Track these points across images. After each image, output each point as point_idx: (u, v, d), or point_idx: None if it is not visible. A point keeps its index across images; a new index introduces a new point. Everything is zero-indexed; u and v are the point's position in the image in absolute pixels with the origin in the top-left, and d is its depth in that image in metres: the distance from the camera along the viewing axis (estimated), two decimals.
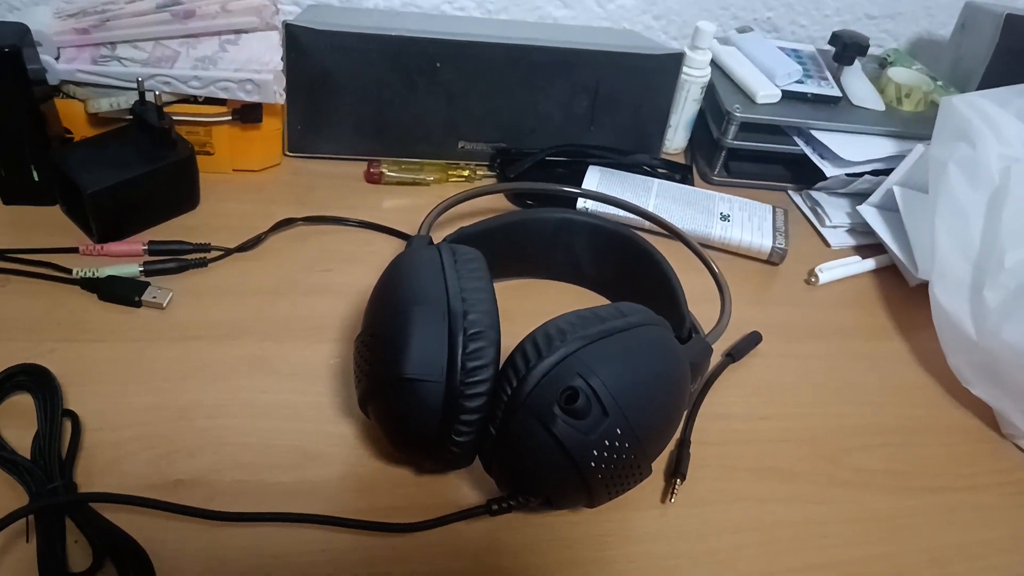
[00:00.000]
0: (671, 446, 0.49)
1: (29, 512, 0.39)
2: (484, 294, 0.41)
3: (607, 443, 0.38)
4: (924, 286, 0.60)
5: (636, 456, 0.39)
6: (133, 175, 0.56)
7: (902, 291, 0.66)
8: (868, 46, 0.76)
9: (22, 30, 0.55)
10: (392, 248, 0.62)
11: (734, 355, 0.56)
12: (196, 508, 0.41)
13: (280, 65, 0.62)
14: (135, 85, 0.58)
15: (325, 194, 0.66)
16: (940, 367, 0.58)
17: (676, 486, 0.47)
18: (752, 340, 0.58)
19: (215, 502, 0.42)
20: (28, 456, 0.42)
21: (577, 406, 0.38)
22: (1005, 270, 0.55)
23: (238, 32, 0.62)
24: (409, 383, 0.39)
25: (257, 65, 0.60)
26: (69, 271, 0.54)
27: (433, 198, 0.67)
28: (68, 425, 0.45)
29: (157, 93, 0.58)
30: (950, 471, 0.52)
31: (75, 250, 0.56)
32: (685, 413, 0.50)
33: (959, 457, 0.53)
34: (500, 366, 0.40)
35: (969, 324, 0.56)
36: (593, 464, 0.38)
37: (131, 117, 0.59)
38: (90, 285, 0.53)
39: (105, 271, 0.54)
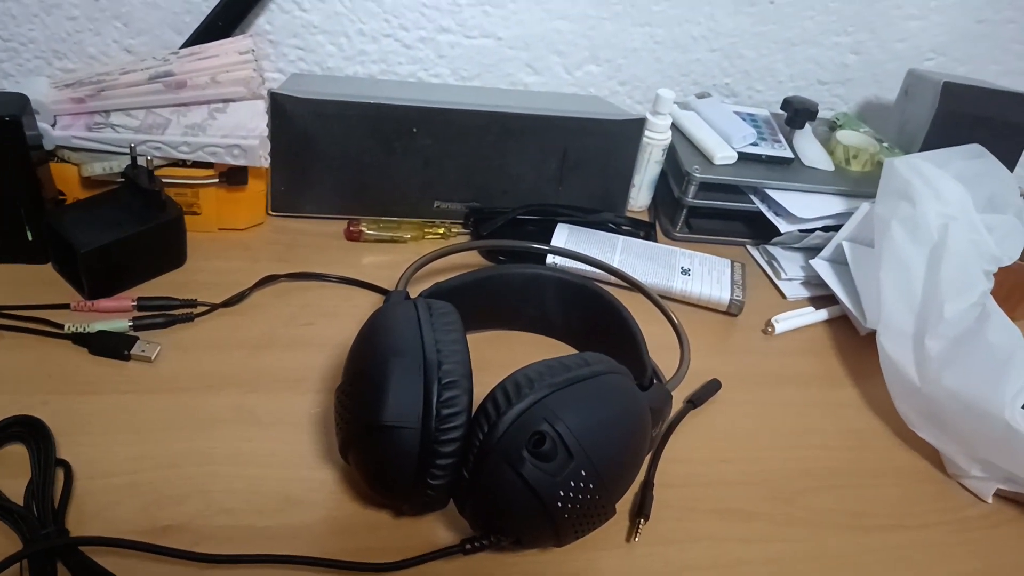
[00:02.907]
0: (635, 488, 0.52)
1: (23, 557, 0.41)
2: (458, 346, 0.44)
3: (573, 484, 0.41)
4: (873, 335, 0.64)
5: (600, 497, 0.42)
6: (124, 235, 0.59)
7: (853, 340, 0.70)
8: (817, 112, 0.81)
9: (22, 100, 0.58)
10: (371, 302, 0.65)
11: (695, 401, 0.60)
12: (184, 551, 0.43)
13: (266, 131, 0.65)
14: (127, 150, 0.61)
15: (307, 251, 0.69)
16: (889, 412, 0.61)
17: (640, 526, 0.50)
18: (712, 387, 0.61)
19: (202, 546, 0.44)
20: (21, 504, 0.44)
21: (544, 450, 0.40)
22: (944, 320, 0.59)
23: (226, 101, 0.65)
24: (387, 430, 0.42)
25: (244, 131, 0.64)
26: (61, 326, 0.56)
27: (410, 254, 0.71)
28: (61, 474, 0.47)
29: (149, 158, 0.61)
30: (900, 510, 0.55)
31: (66, 306, 0.59)
32: (648, 456, 0.53)
33: (908, 497, 0.56)
34: (473, 413, 0.43)
35: (913, 371, 0.60)
36: (560, 504, 0.41)
37: (123, 180, 0.62)
38: (81, 340, 0.56)
39: (96, 326, 0.57)
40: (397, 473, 0.43)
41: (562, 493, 0.41)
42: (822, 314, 0.72)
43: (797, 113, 0.81)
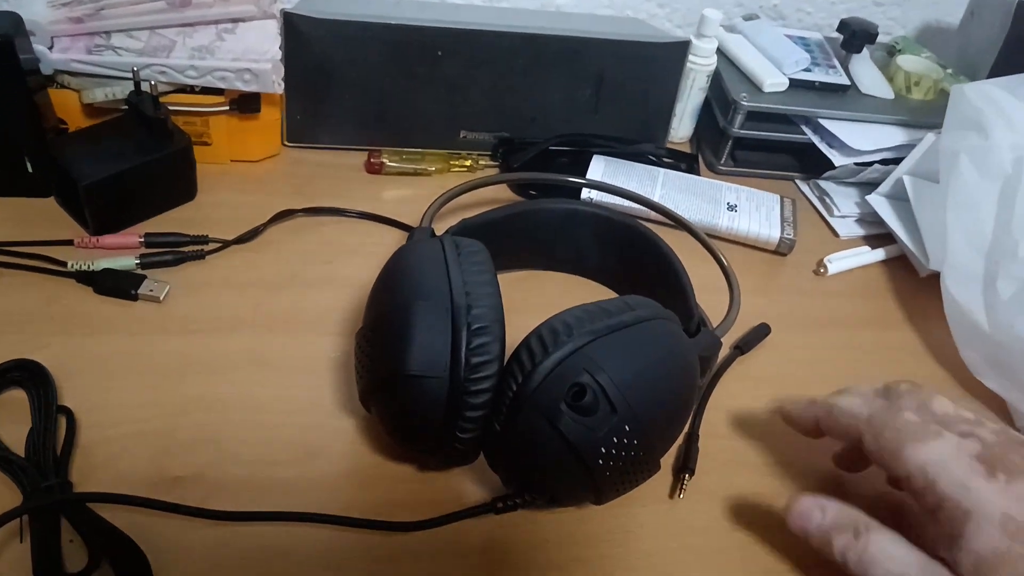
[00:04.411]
0: (679, 440, 0.48)
1: (23, 512, 0.38)
2: (488, 288, 0.40)
3: (615, 440, 0.37)
4: (934, 277, 0.60)
5: (645, 453, 0.38)
6: (129, 166, 0.55)
7: (912, 281, 0.65)
8: (877, 34, 0.75)
9: (15, 20, 0.53)
10: (393, 239, 0.61)
11: (742, 347, 0.55)
12: (195, 508, 0.40)
13: (278, 54, 0.61)
14: (130, 75, 0.57)
15: (325, 185, 0.65)
16: (951, 358, 0.57)
17: (685, 481, 0.46)
18: (761, 332, 0.57)
19: (214, 498, 0.41)
20: (22, 454, 0.42)
21: (584, 403, 0.37)
22: (1018, 261, 0.54)
23: (235, 21, 0.61)
24: (412, 379, 0.38)
25: (255, 54, 0.59)
26: (64, 264, 0.53)
27: (435, 188, 0.66)
28: (63, 422, 0.44)
29: (153, 83, 0.57)
30: None
31: (70, 243, 0.55)
32: (694, 407, 0.50)
33: None
34: (505, 362, 0.39)
35: (982, 316, 0.55)
36: (601, 462, 0.37)
37: (126, 107, 0.58)
38: (85, 278, 0.52)
39: (101, 264, 0.53)
40: (423, 425, 0.39)
41: (603, 450, 0.37)
42: (879, 254, 0.67)
43: (855, 35, 0.74)
